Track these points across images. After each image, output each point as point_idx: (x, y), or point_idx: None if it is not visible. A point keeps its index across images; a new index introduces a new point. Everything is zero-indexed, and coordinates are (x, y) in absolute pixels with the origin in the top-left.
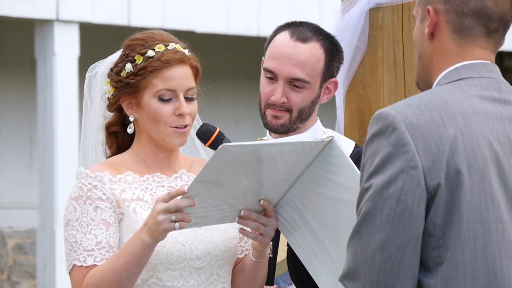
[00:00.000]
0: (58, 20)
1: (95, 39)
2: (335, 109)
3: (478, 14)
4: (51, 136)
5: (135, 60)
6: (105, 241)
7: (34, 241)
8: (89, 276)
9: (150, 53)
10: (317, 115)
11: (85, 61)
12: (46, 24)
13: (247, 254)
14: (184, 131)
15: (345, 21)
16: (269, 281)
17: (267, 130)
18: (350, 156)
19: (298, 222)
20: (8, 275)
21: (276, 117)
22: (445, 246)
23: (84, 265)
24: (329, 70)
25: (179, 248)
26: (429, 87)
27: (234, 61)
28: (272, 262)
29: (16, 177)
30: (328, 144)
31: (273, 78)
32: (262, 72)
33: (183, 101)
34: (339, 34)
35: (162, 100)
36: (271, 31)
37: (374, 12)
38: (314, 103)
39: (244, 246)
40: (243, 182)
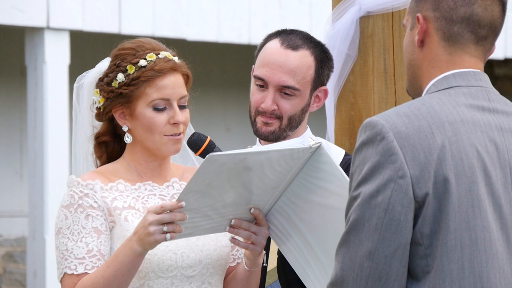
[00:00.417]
0: (48, 28)
1: (86, 47)
2: (325, 118)
3: (467, 21)
4: (42, 144)
5: (127, 70)
6: (96, 249)
7: (25, 249)
8: (80, 284)
9: (142, 62)
10: (308, 124)
11: (76, 69)
12: (36, 32)
13: (239, 263)
14: (179, 138)
15: (336, 29)
16: None
17: (257, 138)
18: (340, 164)
19: (289, 230)
20: None
21: (266, 124)
22: (432, 255)
23: (75, 273)
24: (319, 78)
25: (171, 256)
26: (419, 95)
27: (225, 69)
28: (263, 270)
29: (6, 185)
30: (316, 151)
31: (263, 85)
32: (252, 80)
33: (177, 109)
34: (330, 42)
35: (157, 110)
36: (262, 39)
37: (365, 20)
38: (304, 111)
39: (236, 254)
40: (233, 191)
